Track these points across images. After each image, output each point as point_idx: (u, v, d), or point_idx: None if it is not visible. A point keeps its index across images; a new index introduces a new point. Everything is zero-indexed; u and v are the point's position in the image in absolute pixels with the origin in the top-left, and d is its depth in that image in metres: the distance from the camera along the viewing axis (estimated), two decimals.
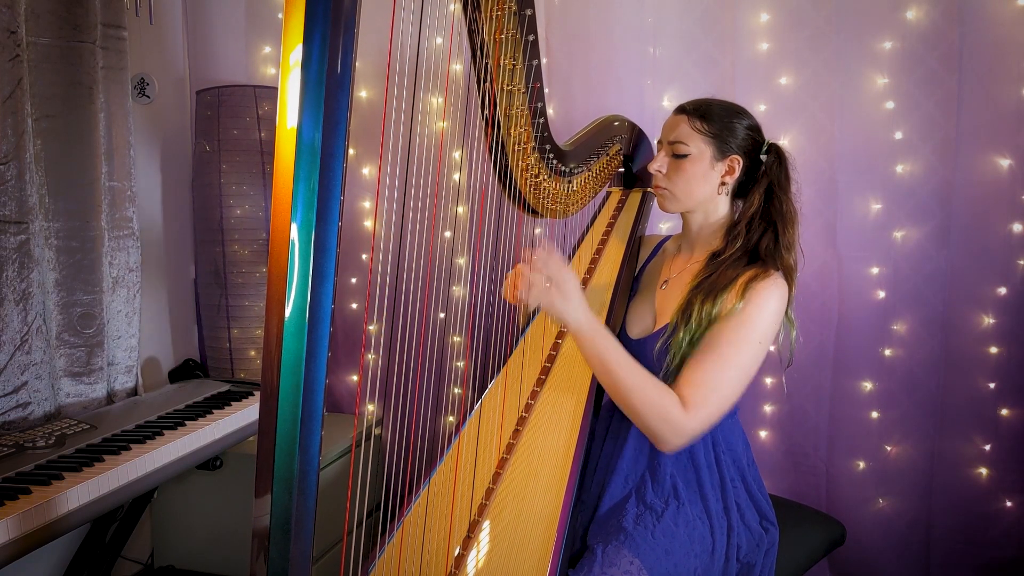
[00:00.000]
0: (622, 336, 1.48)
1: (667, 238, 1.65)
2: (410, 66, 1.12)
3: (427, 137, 2.03)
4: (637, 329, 1.47)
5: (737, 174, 1.41)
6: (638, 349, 1.40)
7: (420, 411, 1.97)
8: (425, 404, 2.05)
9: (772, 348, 2.09)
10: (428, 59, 1.90)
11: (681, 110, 1.43)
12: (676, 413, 1.26)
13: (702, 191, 1.41)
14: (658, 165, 1.44)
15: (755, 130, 1.42)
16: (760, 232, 1.38)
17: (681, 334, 1.32)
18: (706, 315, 1.31)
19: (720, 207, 1.44)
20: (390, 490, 1.34)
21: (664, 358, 1.34)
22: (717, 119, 1.39)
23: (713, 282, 1.34)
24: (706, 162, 1.40)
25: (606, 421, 1.44)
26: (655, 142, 1.94)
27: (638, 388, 1.27)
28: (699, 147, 1.39)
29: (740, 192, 1.45)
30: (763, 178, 1.41)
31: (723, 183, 1.41)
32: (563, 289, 1.26)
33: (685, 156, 1.40)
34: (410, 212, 1.44)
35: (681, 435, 1.28)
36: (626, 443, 1.39)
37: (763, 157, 1.41)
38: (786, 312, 1.37)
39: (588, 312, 1.29)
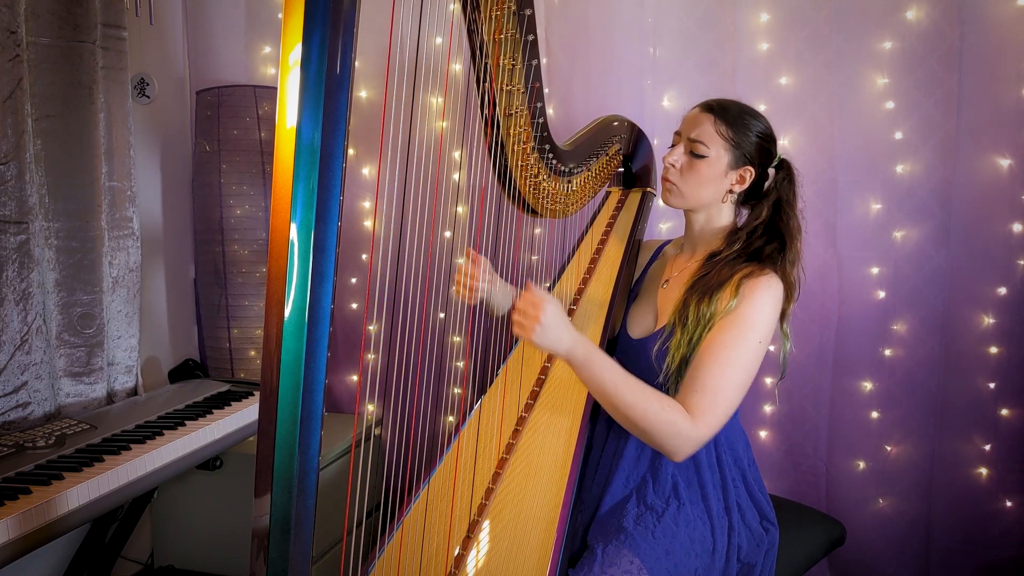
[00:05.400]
0: (623, 336, 1.48)
1: (667, 242, 1.65)
2: (410, 66, 1.12)
3: (427, 137, 2.03)
4: (639, 329, 1.47)
5: (747, 185, 1.40)
6: (639, 349, 1.40)
7: (420, 411, 1.97)
8: (425, 404, 2.05)
9: (772, 348, 2.09)
10: (428, 59, 1.90)
11: (708, 108, 1.39)
12: (684, 425, 1.23)
13: (709, 194, 1.41)
14: (674, 158, 1.41)
15: (771, 142, 1.41)
16: (763, 243, 1.38)
17: (679, 335, 1.32)
18: (703, 315, 1.30)
19: (724, 213, 1.44)
20: (390, 490, 1.34)
21: (663, 359, 1.33)
22: (741, 127, 1.37)
23: (708, 281, 1.34)
24: (722, 168, 1.38)
25: (607, 422, 1.44)
26: (654, 142, 1.95)
27: (640, 406, 1.23)
28: (718, 152, 1.37)
29: (744, 199, 1.44)
30: (772, 193, 1.40)
31: (731, 191, 1.41)
32: (543, 323, 1.21)
33: (703, 157, 1.38)
34: (410, 212, 1.44)
35: (692, 444, 1.25)
36: (627, 444, 1.39)
37: (771, 171, 1.41)
38: (781, 327, 1.37)
39: (575, 336, 1.24)
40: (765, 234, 1.38)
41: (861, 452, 2.07)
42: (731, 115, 1.38)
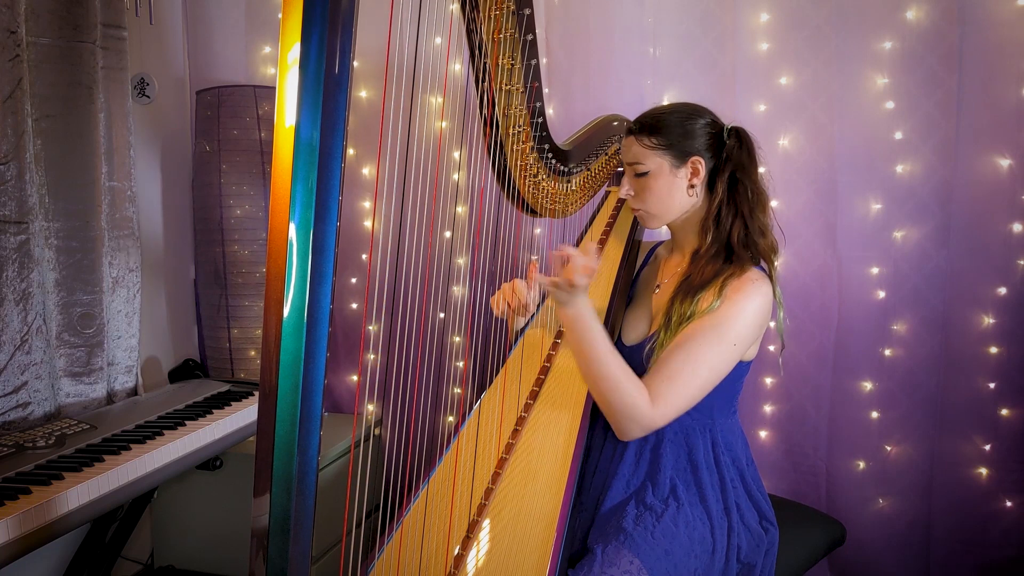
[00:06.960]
0: (618, 343, 1.47)
1: (659, 244, 1.66)
2: (409, 65, 1.12)
3: (426, 137, 2.03)
4: (633, 335, 1.47)
5: (703, 173, 1.40)
6: (632, 355, 1.40)
7: (419, 411, 1.97)
8: (424, 404, 2.05)
9: (771, 348, 2.09)
10: (427, 59, 1.90)
11: (630, 132, 1.44)
12: (643, 409, 1.28)
13: (675, 201, 1.42)
14: (625, 190, 1.46)
15: (711, 124, 1.41)
16: (730, 221, 1.38)
17: (663, 336, 1.34)
18: (685, 314, 1.33)
19: (696, 203, 1.44)
20: (389, 490, 1.34)
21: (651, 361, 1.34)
22: (666, 129, 1.39)
23: (691, 282, 1.36)
24: (666, 173, 1.40)
25: (604, 427, 1.44)
26: None
27: (613, 380, 1.29)
28: (655, 162, 1.40)
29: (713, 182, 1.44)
30: (727, 165, 1.40)
31: (691, 185, 1.41)
32: (576, 289, 1.28)
33: (645, 174, 1.41)
34: (409, 212, 1.44)
35: (642, 429, 1.31)
36: (627, 447, 1.39)
37: (726, 140, 1.41)
38: (774, 293, 1.37)
39: (587, 303, 1.32)
40: (730, 211, 1.39)
41: (861, 452, 2.07)
42: (649, 124, 1.41)
